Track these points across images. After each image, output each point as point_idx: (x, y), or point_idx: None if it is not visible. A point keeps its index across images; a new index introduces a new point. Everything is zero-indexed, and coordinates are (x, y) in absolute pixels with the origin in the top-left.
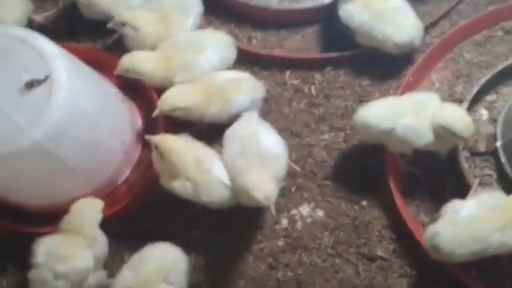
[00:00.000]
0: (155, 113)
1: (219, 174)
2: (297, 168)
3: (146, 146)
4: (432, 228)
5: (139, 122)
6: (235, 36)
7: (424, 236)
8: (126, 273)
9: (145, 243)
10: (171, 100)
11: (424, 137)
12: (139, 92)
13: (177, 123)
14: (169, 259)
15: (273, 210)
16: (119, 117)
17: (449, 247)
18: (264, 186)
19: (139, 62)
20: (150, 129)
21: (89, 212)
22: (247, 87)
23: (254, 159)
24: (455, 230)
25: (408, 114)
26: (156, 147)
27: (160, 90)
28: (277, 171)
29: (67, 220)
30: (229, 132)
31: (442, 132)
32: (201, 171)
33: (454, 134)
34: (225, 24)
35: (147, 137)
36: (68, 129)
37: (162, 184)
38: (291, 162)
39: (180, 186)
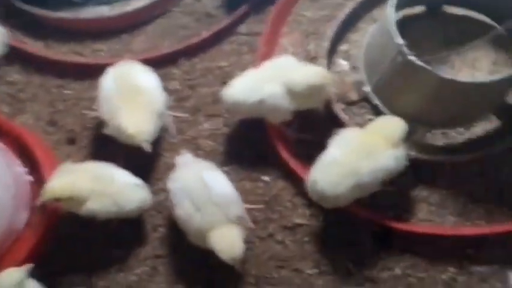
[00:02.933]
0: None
1: (125, 179)
2: None
3: (34, 183)
4: (309, 179)
5: (17, 163)
6: (80, 54)
7: (307, 190)
8: None
9: (71, 275)
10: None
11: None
12: (6, 131)
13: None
14: None
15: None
16: None
17: (329, 190)
18: (231, 248)
19: None
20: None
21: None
22: None
23: (210, 211)
24: (326, 172)
25: (269, 81)
26: (58, 200)
27: None
28: (235, 211)
29: None
30: (173, 185)
31: (307, 90)
32: (107, 184)
33: (320, 88)
34: (65, 45)
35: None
36: None
37: (78, 213)
38: None
39: (98, 205)
